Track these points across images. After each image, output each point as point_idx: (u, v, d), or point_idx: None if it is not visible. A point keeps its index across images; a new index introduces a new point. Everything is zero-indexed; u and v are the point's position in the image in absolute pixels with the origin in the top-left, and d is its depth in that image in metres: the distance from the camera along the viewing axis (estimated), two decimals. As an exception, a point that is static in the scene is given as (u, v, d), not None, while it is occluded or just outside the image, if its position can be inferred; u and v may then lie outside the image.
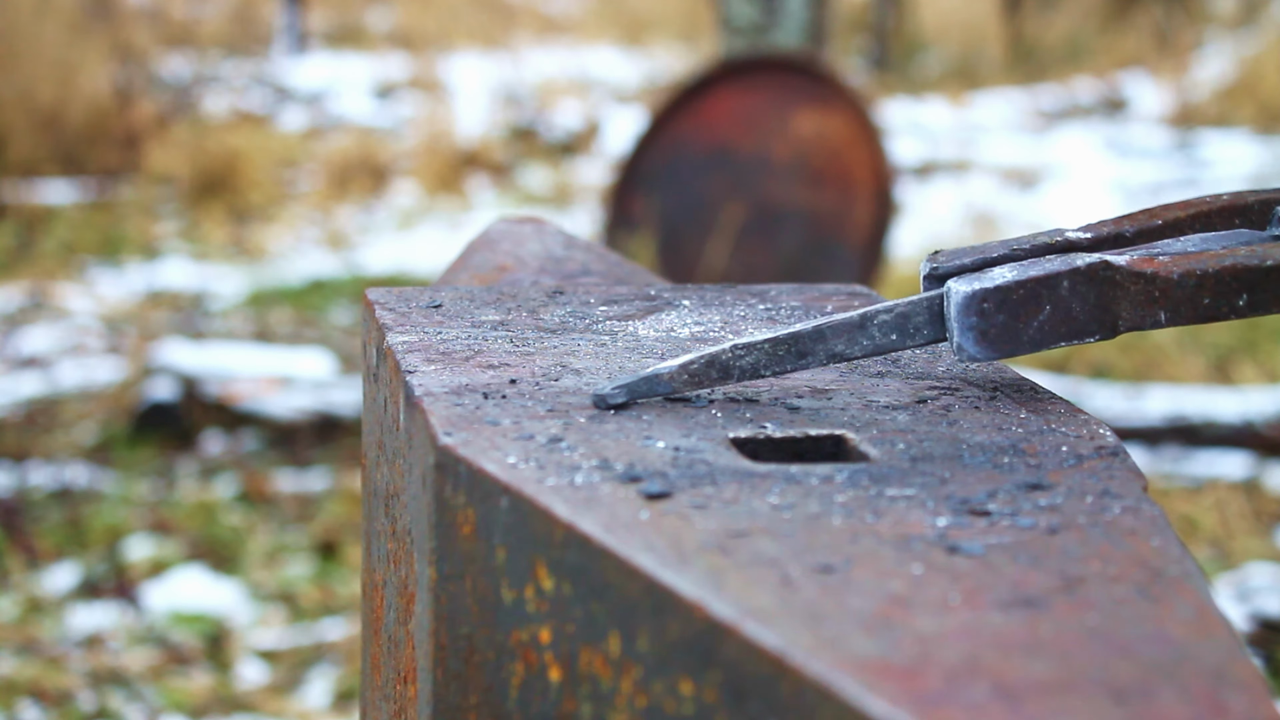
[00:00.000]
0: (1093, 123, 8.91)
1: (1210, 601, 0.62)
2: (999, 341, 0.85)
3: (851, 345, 0.86)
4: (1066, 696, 0.54)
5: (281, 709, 3.25)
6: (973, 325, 0.85)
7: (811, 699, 0.56)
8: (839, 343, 0.86)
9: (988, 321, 0.85)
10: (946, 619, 0.60)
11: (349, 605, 3.65)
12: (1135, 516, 0.70)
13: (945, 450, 0.79)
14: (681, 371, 0.84)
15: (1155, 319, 0.87)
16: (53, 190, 7.50)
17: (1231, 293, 0.87)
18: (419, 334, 0.93)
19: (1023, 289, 0.85)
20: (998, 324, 0.85)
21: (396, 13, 12.30)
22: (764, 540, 0.66)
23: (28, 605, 3.66)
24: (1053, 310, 0.85)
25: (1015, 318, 0.85)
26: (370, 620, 0.95)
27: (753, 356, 0.85)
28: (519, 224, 1.27)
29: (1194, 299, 0.87)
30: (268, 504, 4.19)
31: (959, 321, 0.85)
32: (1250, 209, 0.94)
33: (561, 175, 8.17)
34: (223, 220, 7.19)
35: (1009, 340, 0.85)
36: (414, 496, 0.79)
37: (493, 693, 0.72)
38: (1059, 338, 0.86)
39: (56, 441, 4.56)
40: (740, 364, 0.85)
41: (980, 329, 0.85)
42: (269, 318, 5.76)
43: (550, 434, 0.78)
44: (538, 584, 0.69)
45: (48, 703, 3.24)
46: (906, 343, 0.86)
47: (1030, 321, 0.85)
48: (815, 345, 0.86)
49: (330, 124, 9.11)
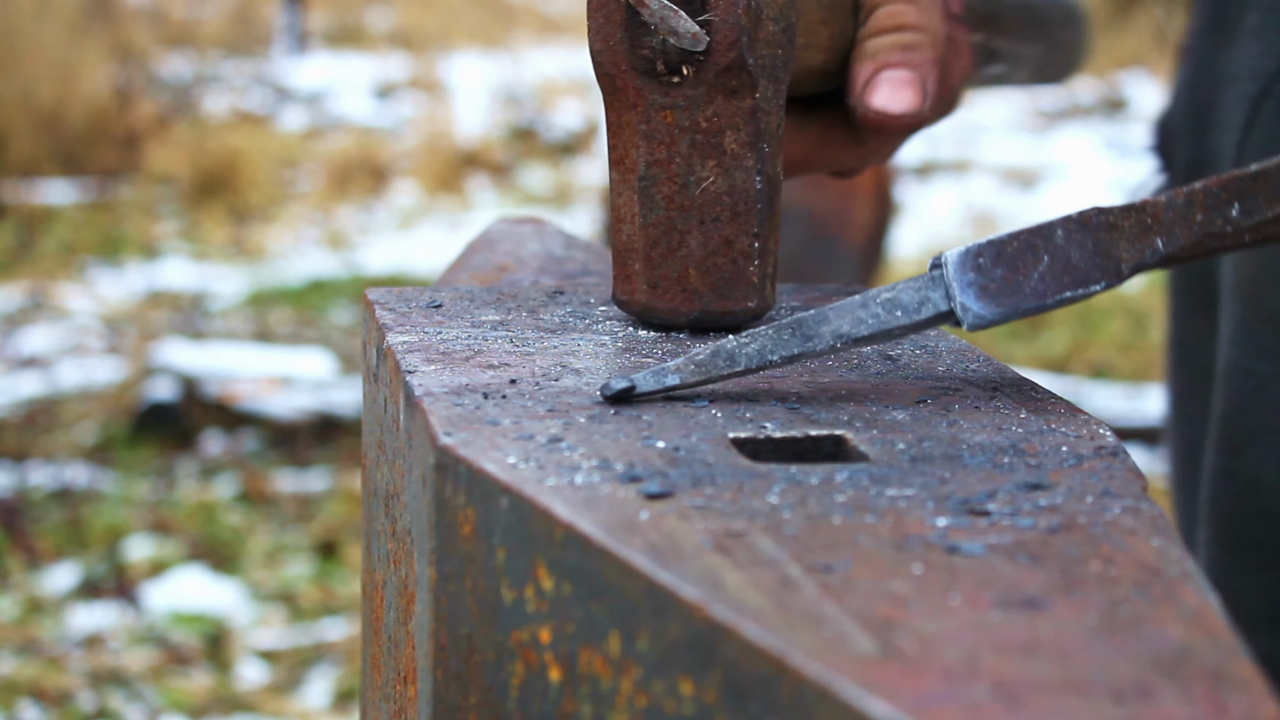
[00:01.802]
0: (1093, 123, 8.91)
1: (1210, 601, 0.62)
2: (1000, 295, 0.85)
3: (857, 325, 0.86)
4: (1066, 696, 0.54)
5: (281, 709, 3.25)
6: (971, 281, 0.85)
7: (811, 699, 0.56)
8: (844, 323, 0.85)
9: (986, 276, 0.85)
10: (946, 619, 0.60)
11: (349, 605, 3.65)
12: (1135, 516, 0.70)
13: (945, 450, 0.79)
14: (688, 362, 0.84)
15: (1154, 248, 0.86)
16: (53, 190, 7.50)
17: (1222, 204, 0.87)
18: (419, 334, 0.93)
19: (1017, 240, 0.85)
20: (997, 278, 0.85)
21: (396, 13, 12.31)
22: (764, 540, 0.66)
23: (28, 605, 3.66)
24: (1051, 260, 0.85)
25: (1014, 269, 0.85)
26: (370, 620, 0.95)
27: (758, 343, 0.85)
28: (519, 224, 1.27)
29: (1186, 218, 0.87)
30: (268, 504, 4.19)
31: (958, 280, 0.85)
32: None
33: (561, 175, 8.18)
34: (223, 220, 7.20)
35: (1011, 293, 0.85)
36: (414, 496, 0.80)
37: (493, 693, 0.72)
38: (1063, 287, 0.86)
39: (56, 441, 4.56)
40: (746, 350, 0.85)
41: (980, 284, 0.85)
42: (269, 318, 5.77)
43: (550, 434, 0.78)
44: (538, 584, 0.69)
45: (48, 703, 3.25)
46: (914, 318, 0.86)
47: (1030, 273, 0.85)
48: (820, 327, 0.86)
49: (330, 124, 9.11)
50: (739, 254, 0.97)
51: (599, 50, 0.96)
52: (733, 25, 0.93)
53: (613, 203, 0.99)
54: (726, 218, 0.96)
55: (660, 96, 0.95)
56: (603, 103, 0.98)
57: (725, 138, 0.96)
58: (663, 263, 0.97)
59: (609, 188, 0.99)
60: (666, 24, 0.93)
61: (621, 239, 0.98)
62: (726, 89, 0.95)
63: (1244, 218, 0.87)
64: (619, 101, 0.96)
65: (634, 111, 0.96)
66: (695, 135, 0.95)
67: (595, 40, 0.96)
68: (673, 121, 0.95)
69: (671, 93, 0.95)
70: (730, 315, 0.97)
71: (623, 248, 0.98)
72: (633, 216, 0.97)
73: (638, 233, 0.97)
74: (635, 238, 0.97)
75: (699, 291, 0.97)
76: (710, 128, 0.95)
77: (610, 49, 0.95)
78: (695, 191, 0.96)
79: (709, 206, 0.96)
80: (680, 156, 0.96)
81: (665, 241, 0.97)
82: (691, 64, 0.94)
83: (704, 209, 0.96)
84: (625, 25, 0.94)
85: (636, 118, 0.96)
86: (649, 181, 0.96)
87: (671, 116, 0.95)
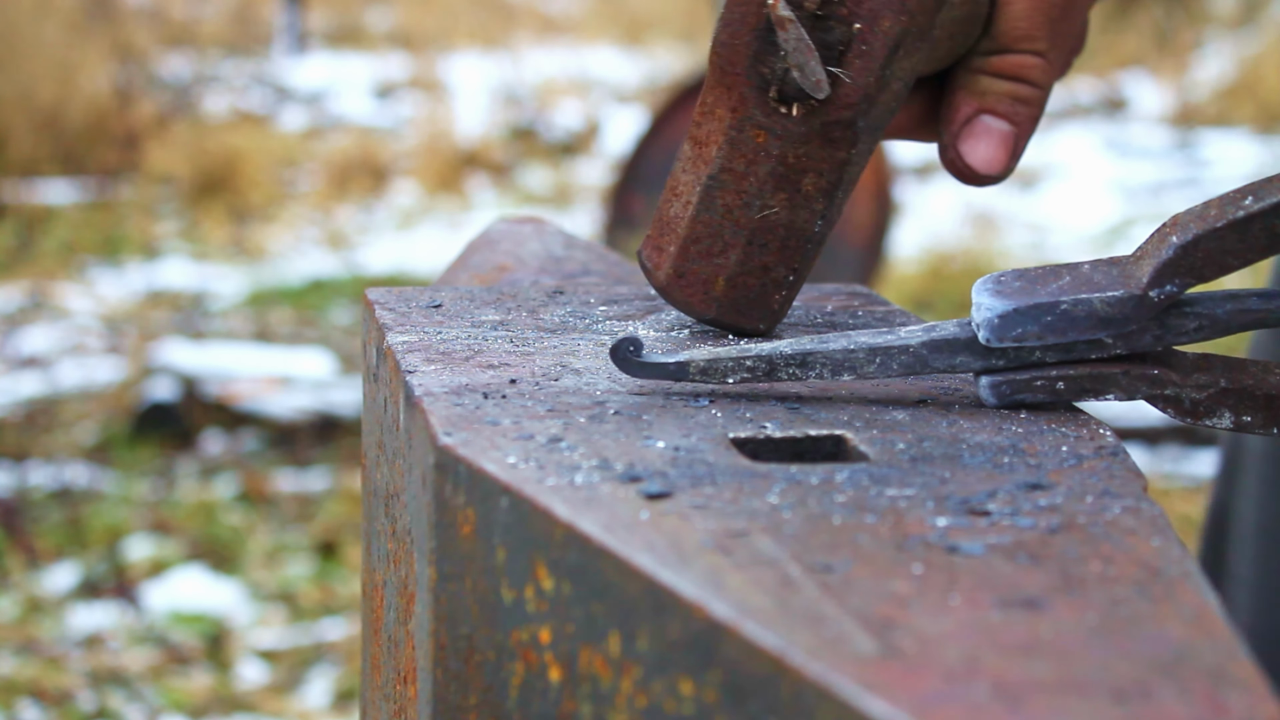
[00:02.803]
0: (1093, 123, 8.91)
1: (1210, 601, 0.62)
2: (1016, 296, 0.86)
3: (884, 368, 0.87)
4: (1066, 696, 0.54)
5: (281, 709, 3.25)
6: (990, 289, 0.86)
7: (811, 699, 0.56)
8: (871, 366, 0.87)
9: (1003, 285, 0.86)
10: (946, 619, 0.60)
11: (349, 605, 3.65)
12: (1135, 516, 0.70)
13: (945, 450, 0.79)
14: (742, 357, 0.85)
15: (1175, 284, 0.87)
16: (53, 190, 7.50)
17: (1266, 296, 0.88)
18: (419, 334, 0.93)
19: (1042, 269, 0.87)
20: (1014, 287, 0.86)
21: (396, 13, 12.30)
22: (764, 540, 0.66)
23: (28, 605, 3.66)
24: (1072, 279, 0.86)
25: (1033, 283, 0.86)
26: (370, 620, 0.95)
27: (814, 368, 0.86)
28: (519, 224, 1.27)
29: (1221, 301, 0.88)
30: (268, 504, 4.19)
31: (977, 290, 0.86)
32: None
33: (561, 175, 8.17)
34: (223, 220, 7.19)
35: (1026, 295, 0.86)
36: (414, 496, 0.80)
37: (493, 693, 0.72)
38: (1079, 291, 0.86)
39: (56, 441, 4.56)
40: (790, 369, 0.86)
41: (996, 289, 0.86)
42: (269, 318, 5.76)
43: (550, 434, 0.78)
44: (538, 584, 0.69)
45: (48, 703, 3.25)
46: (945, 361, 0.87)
47: (1049, 284, 0.86)
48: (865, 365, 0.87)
49: (330, 124, 9.11)
50: (771, 282, 0.96)
51: (723, 43, 0.93)
52: (860, 89, 0.91)
53: (674, 170, 0.97)
54: (775, 247, 0.95)
55: (761, 115, 0.93)
56: (706, 81, 0.96)
57: (805, 178, 0.94)
58: (697, 260, 0.96)
59: (678, 155, 0.97)
60: (798, 57, 0.90)
61: (670, 212, 0.97)
62: (827, 137, 0.93)
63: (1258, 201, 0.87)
64: (721, 93, 0.94)
65: (732, 113, 0.94)
66: (778, 166, 0.94)
67: (723, 32, 0.93)
68: (763, 143, 0.93)
69: (773, 117, 0.93)
70: (738, 329, 0.97)
71: (667, 220, 0.97)
72: (688, 203, 0.96)
73: (685, 220, 0.96)
74: (681, 222, 0.96)
75: (720, 300, 0.96)
76: (796, 165, 0.94)
77: (734, 46, 0.93)
78: (756, 214, 0.95)
79: (762, 232, 0.95)
80: (755, 177, 0.94)
81: (708, 243, 0.96)
82: (804, 105, 0.92)
83: (756, 232, 0.95)
84: (757, 33, 0.92)
85: (731, 120, 0.94)
86: (716, 184, 0.95)
87: (764, 138, 0.93)
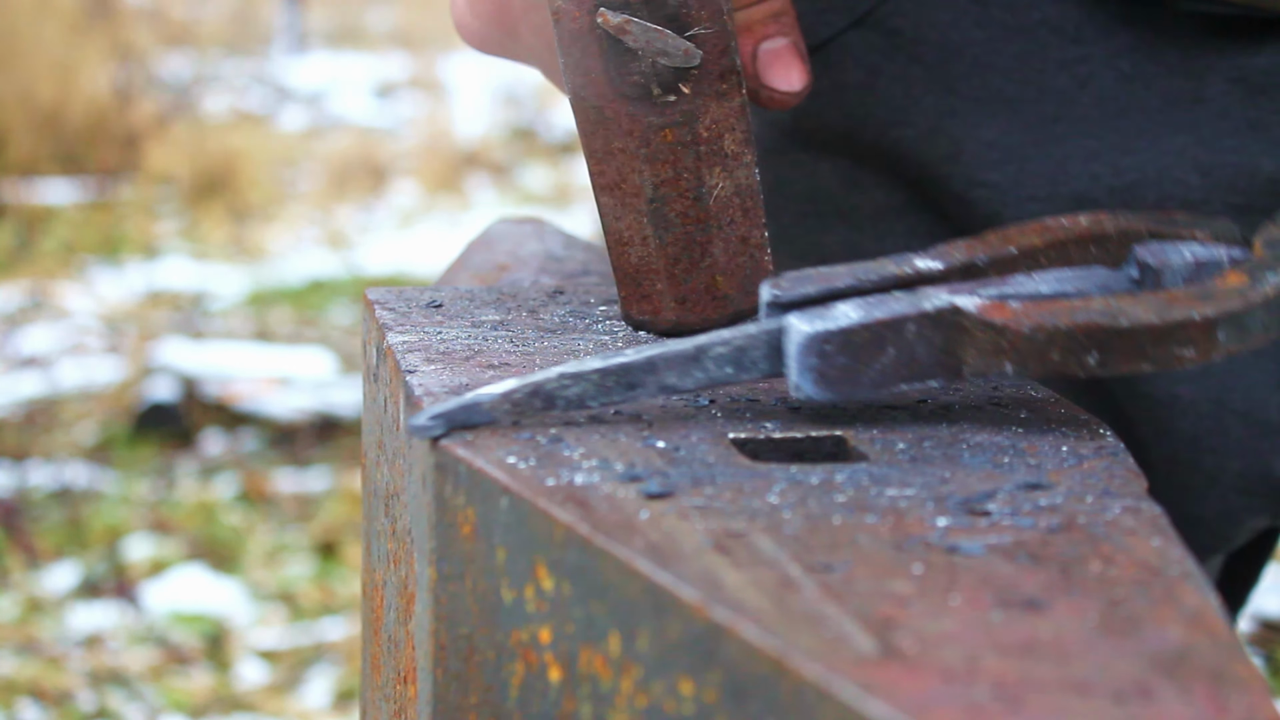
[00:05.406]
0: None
1: (1210, 601, 0.62)
2: (838, 383, 0.81)
3: (684, 377, 0.82)
4: (1066, 697, 0.54)
5: (281, 709, 3.25)
6: (813, 366, 0.81)
7: (811, 699, 0.56)
8: (671, 374, 0.82)
9: (828, 363, 0.81)
10: (946, 619, 0.60)
11: (349, 605, 3.65)
12: (1135, 516, 0.70)
13: (945, 450, 0.79)
14: (504, 400, 0.79)
15: (1001, 369, 0.83)
16: (53, 190, 7.50)
17: (1082, 349, 0.83)
18: (419, 334, 0.93)
19: (867, 331, 0.82)
20: (838, 366, 0.82)
21: (396, 13, 12.31)
22: (764, 540, 0.66)
23: (28, 605, 3.66)
24: (896, 353, 0.82)
25: (857, 360, 0.82)
26: (370, 620, 0.95)
27: (579, 387, 0.81)
28: (519, 224, 1.27)
29: (1043, 354, 0.82)
30: (268, 504, 4.19)
31: (798, 361, 0.81)
32: (1109, 239, 0.91)
33: (561, 175, 8.18)
34: (223, 220, 7.20)
35: (848, 382, 0.81)
36: (414, 496, 0.80)
37: (493, 693, 0.72)
38: (900, 379, 0.82)
39: (56, 441, 4.56)
40: (566, 394, 0.80)
41: (820, 370, 0.81)
42: (269, 318, 5.77)
43: (550, 434, 0.78)
44: (538, 584, 0.69)
45: (48, 703, 3.25)
46: (742, 376, 0.82)
47: (872, 364, 0.81)
48: (646, 376, 0.82)
49: (330, 124, 9.11)
50: (755, 248, 0.97)
51: (580, 84, 0.93)
52: (720, 32, 0.92)
53: (610, 227, 0.97)
54: (739, 218, 0.96)
55: (656, 118, 0.93)
56: (581, 131, 0.95)
57: (724, 141, 0.95)
58: (688, 277, 0.96)
59: (600, 212, 0.97)
60: (655, 46, 0.91)
61: (631, 262, 0.97)
62: (718, 94, 0.94)
63: (1100, 368, 0.84)
64: (608, 130, 0.94)
65: (630, 138, 0.94)
66: (699, 147, 0.94)
67: (574, 75, 0.93)
68: (674, 139, 0.94)
69: (667, 111, 0.93)
70: (755, 308, 0.96)
71: (634, 270, 0.97)
72: (644, 239, 0.96)
73: (654, 254, 0.96)
74: (652, 259, 0.96)
75: (728, 295, 0.96)
76: (711, 135, 0.95)
77: (592, 81, 0.93)
78: (709, 201, 0.95)
79: (723, 212, 0.96)
80: (688, 171, 0.95)
81: (688, 256, 0.96)
82: (687, 80, 0.93)
83: (718, 215, 0.96)
84: (604, 54, 0.92)
85: (634, 143, 0.94)
86: (659, 203, 0.95)
87: (672, 134, 0.94)
